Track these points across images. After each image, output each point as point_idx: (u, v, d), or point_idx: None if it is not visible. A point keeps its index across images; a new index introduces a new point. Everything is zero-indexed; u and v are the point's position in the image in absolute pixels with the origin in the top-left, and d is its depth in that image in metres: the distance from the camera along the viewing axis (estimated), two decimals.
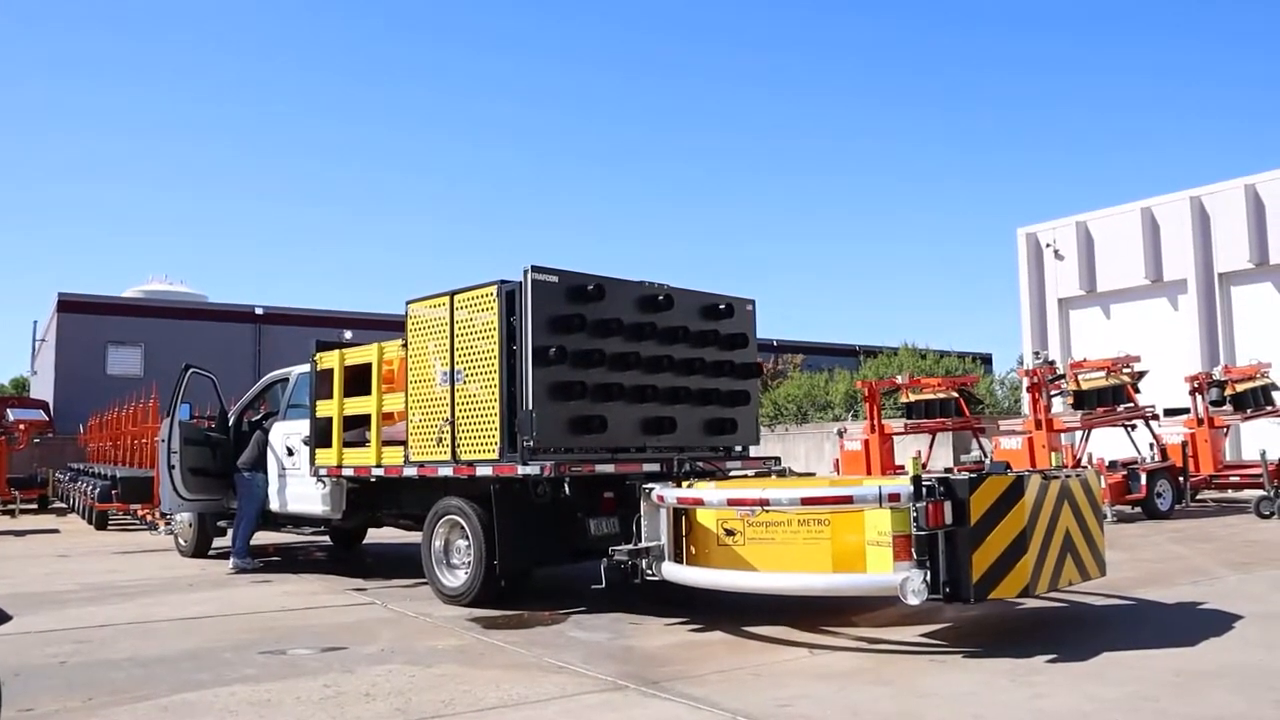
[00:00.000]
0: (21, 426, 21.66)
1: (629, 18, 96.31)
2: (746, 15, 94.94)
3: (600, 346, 7.73)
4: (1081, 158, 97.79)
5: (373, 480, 9.30)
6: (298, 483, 10.27)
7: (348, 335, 10.40)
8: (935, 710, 4.68)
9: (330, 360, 9.59)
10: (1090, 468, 14.09)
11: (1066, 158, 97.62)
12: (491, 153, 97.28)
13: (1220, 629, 6.31)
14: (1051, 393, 15.98)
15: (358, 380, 9.32)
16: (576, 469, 7.45)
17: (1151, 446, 16.30)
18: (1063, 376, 16.09)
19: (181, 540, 12.24)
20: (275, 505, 10.71)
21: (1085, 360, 17.35)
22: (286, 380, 11.12)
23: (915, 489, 5.74)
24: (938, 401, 19.35)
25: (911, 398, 19.63)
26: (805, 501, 6.14)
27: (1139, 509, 14.83)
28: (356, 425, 9.41)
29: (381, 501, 9.81)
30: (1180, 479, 15.21)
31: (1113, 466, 15.26)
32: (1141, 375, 16.54)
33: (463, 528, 8.08)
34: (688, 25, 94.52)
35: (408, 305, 8.58)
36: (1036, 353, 19.75)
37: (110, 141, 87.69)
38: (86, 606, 8.34)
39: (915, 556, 5.72)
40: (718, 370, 8.71)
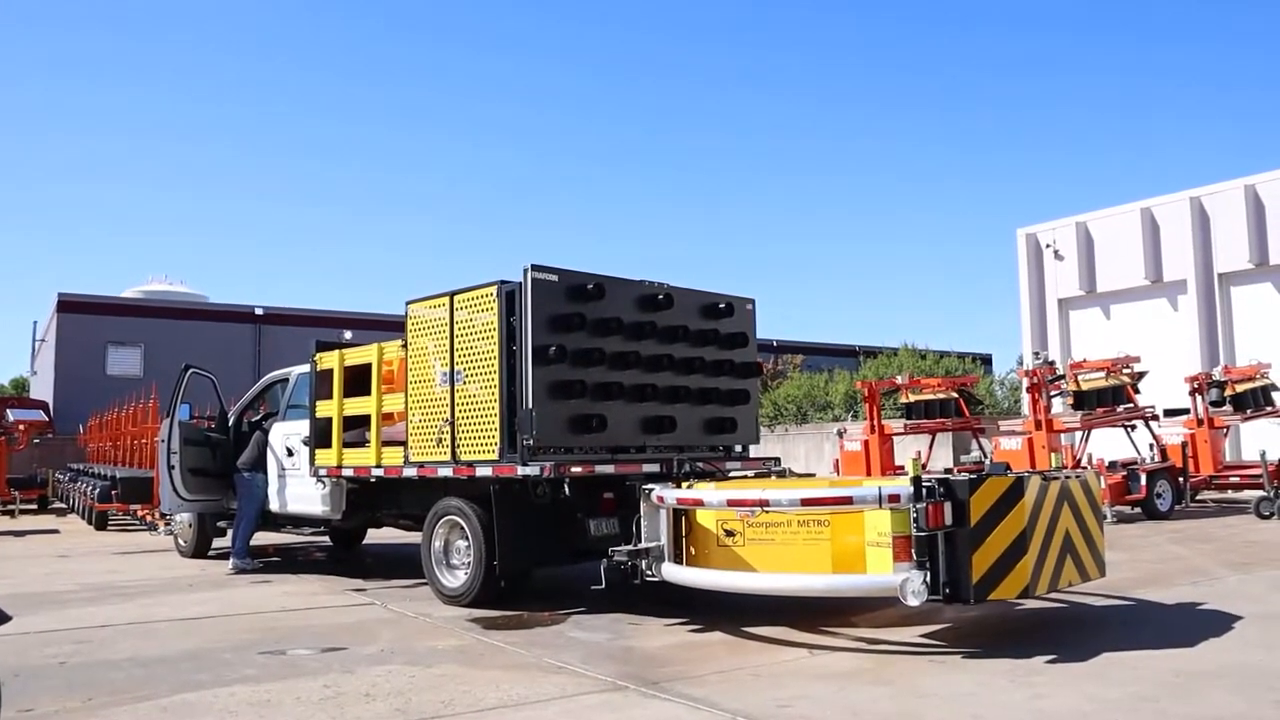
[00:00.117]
0: (21, 427, 21.65)
1: (629, 18, 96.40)
2: (746, 15, 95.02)
3: (600, 345, 7.73)
4: (1081, 158, 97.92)
5: (372, 481, 9.30)
6: (297, 483, 10.28)
7: (347, 335, 10.40)
8: (935, 710, 4.68)
9: (330, 360, 9.60)
10: (1090, 468, 14.14)
11: (1066, 158, 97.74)
12: (491, 153, 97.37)
13: (1220, 629, 6.31)
14: (1051, 393, 15.99)
15: (357, 380, 9.32)
16: (576, 470, 7.45)
17: (1151, 447, 16.29)
18: (1062, 377, 16.09)
19: (181, 541, 12.25)
20: (275, 506, 10.71)
21: (1085, 361, 17.35)
22: (286, 380, 11.12)
23: (915, 490, 5.74)
24: (937, 402, 19.33)
25: (911, 398, 19.61)
26: (805, 502, 6.14)
27: (1139, 509, 14.83)
28: (356, 425, 9.41)
29: (381, 502, 9.82)
30: (1180, 479, 15.20)
31: (1112, 467, 15.26)
32: (1141, 376, 16.54)
33: (462, 528, 8.08)
34: (688, 25, 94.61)
35: (408, 305, 8.59)
36: (1036, 353, 19.75)
37: (110, 141, 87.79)
38: (86, 607, 8.34)
39: (915, 557, 5.72)
40: (717, 369, 8.72)
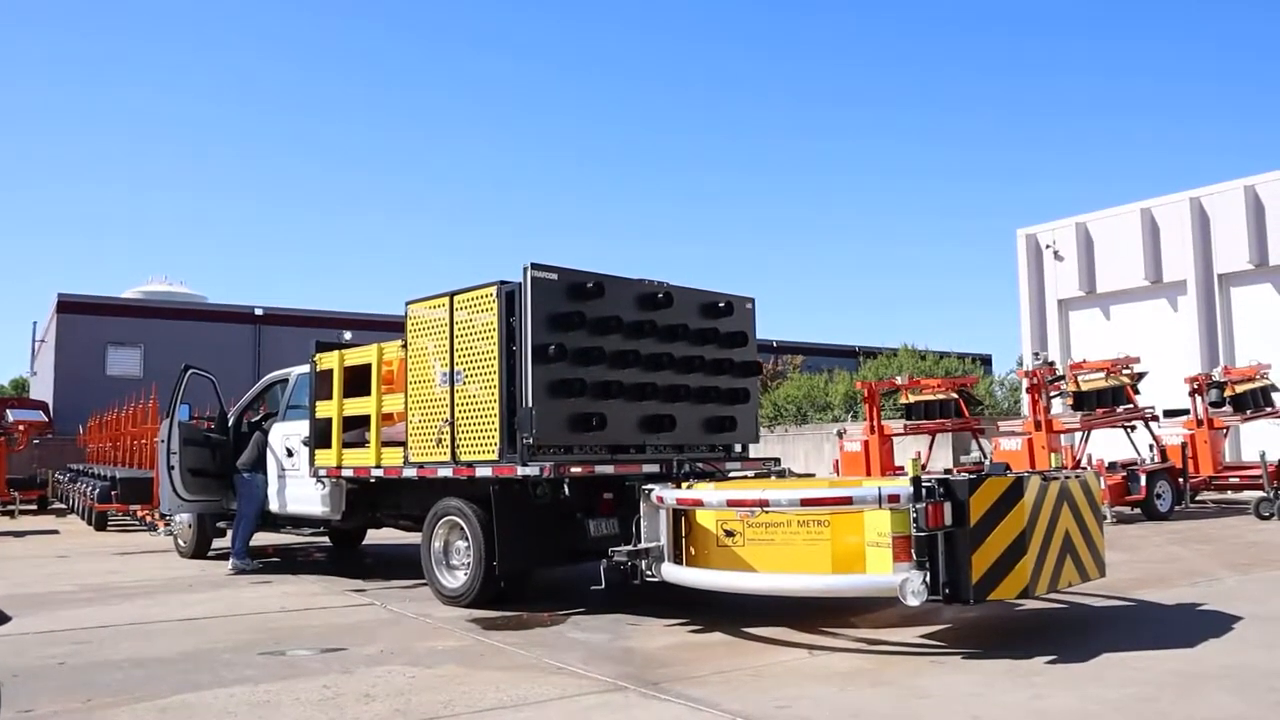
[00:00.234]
0: (21, 427, 21.63)
1: (629, 18, 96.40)
2: (746, 16, 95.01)
3: (600, 344, 7.73)
4: (1081, 158, 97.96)
5: (372, 481, 9.29)
6: (297, 484, 10.27)
7: (347, 336, 10.38)
8: (935, 711, 4.67)
9: (330, 361, 9.60)
10: (1090, 469, 14.15)
11: (1066, 158, 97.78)
12: (491, 153, 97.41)
13: (1220, 630, 6.31)
14: (1051, 394, 16.00)
15: (357, 381, 9.32)
16: (576, 470, 7.44)
17: (1151, 448, 16.29)
18: (1062, 377, 16.10)
19: (181, 541, 12.24)
20: (275, 506, 10.71)
21: (1085, 361, 17.36)
22: (286, 381, 11.12)
23: (915, 490, 5.73)
24: (937, 402, 19.34)
25: (911, 399, 19.62)
26: (805, 502, 6.13)
27: (1138, 510, 14.83)
28: (356, 426, 9.41)
29: (381, 502, 9.81)
30: (1180, 480, 15.21)
31: (1112, 468, 15.27)
32: (1141, 376, 16.54)
33: (462, 529, 8.08)
34: (688, 26, 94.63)
35: (407, 306, 8.58)
36: (1036, 354, 19.75)
37: (110, 141, 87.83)
38: (86, 607, 8.34)
39: (915, 557, 5.72)
40: (717, 368, 8.71)
